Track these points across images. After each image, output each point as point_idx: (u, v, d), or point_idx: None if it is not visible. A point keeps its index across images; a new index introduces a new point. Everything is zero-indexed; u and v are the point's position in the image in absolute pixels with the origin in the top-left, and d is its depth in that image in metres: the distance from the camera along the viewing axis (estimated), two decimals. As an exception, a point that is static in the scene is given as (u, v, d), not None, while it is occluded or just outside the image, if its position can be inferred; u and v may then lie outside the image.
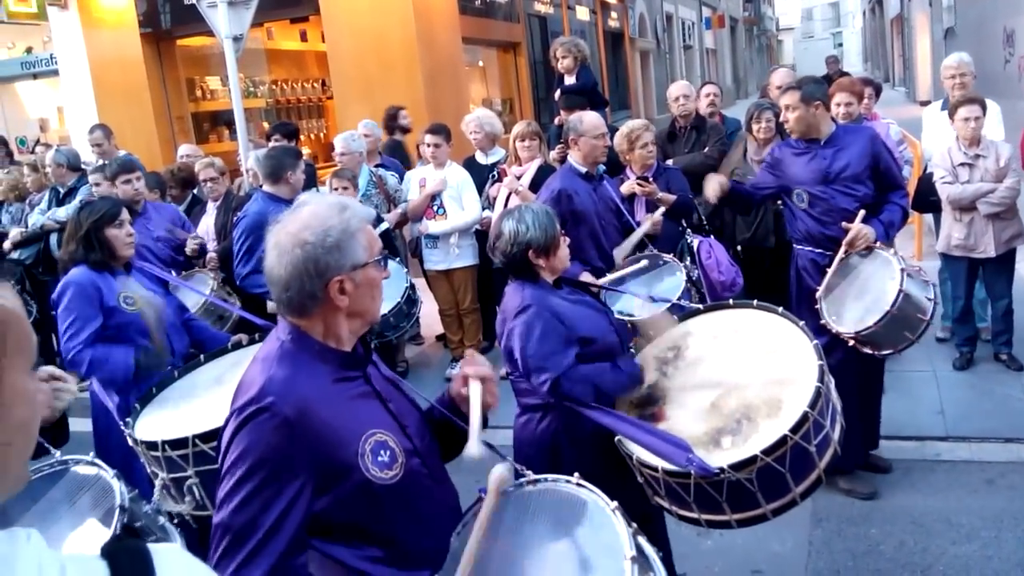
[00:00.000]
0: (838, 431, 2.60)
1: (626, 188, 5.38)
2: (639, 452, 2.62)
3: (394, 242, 6.76)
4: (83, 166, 7.75)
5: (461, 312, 6.45)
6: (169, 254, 5.53)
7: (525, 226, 2.84)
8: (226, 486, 1.77)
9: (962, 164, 5.39)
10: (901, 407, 5.19)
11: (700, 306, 3.15)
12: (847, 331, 3.84)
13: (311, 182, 6.58)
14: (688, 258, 5.32)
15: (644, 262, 4.42)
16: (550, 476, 2.08)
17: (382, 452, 1.86)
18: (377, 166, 6.87)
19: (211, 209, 6.26)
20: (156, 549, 1.03)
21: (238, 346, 3.47)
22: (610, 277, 4.25)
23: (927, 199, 5.70)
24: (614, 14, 20.75)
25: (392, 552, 1.89)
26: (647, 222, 4.82)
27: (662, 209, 4.97)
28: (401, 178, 6.89)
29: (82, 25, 11.47)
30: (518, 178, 5.97)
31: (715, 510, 2.56)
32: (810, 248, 4.39)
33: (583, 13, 18.21)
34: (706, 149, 6.27)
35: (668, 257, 4.71)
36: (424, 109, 9.71)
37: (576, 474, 2.04)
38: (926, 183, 5.70)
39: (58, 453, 2.56)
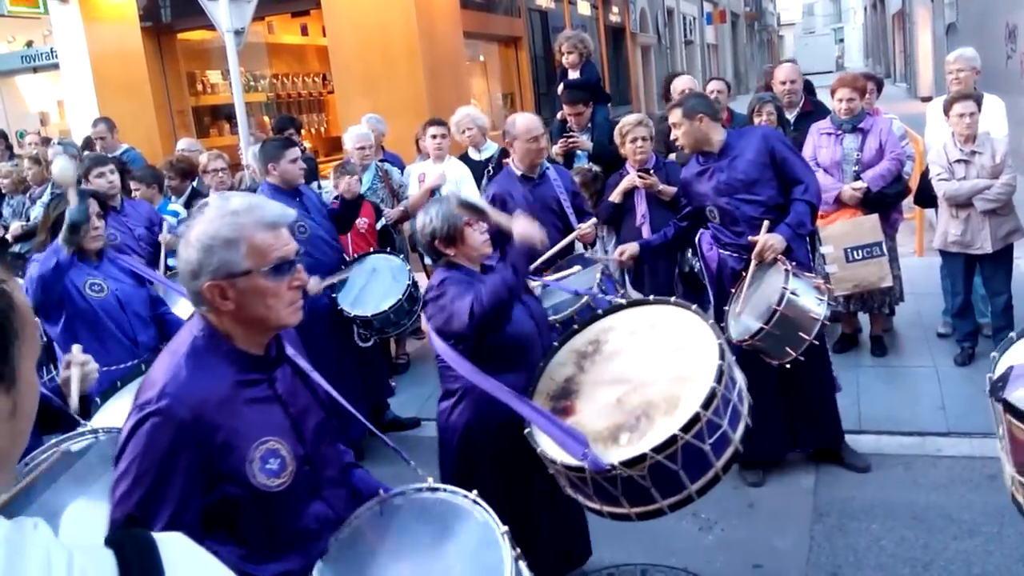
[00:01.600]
0: (740, 430, 2.61)
1: (627, 182, 5.39)
2: (544, 445, 2.67)
3: (395, 238, 6.75)
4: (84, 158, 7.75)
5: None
6: (151, 251, 5.49)
7: (429, 218, 3.07)
8: (121, 486, 1.81)
9: (958, 160, 5.38)
10: (902, 403, 5.19)
11: (624, 301, 3.18)
12: (736, 339, 3.89)
13: (312, 176, 6.57)
14: (689, 250, 5.34)
15: (576, 267, 4.40)
16: (450, 488, 2.14)
17: (271, 460, 1.88)
18: (381, 160, 6.87)
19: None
20: (162, 538, 1.04)
21: None
22: (546, 279, 4.29)
23: (929, 194, 5.70)
24: (615, 9, 20.72)
25: (265, 552, 1.93)
26: (576, 232, 4.67)
27: (592, 220, 4.93)
28: (402, 172, 6.89)
29: (83, 19, 11.45)
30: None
31: (614, 503, 2.60)
32: (729, 253, 4.42)
33: (584, 8, 18.18)
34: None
35: (592, 256, 4.71)
36: (425, 103, 9.70)
37: (475, 491, 2.10)
38: (928, 179, 5.69)
39: (88, 424, 2.62)
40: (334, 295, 5.02)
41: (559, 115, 6.70)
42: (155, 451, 1.78)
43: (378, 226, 6.26)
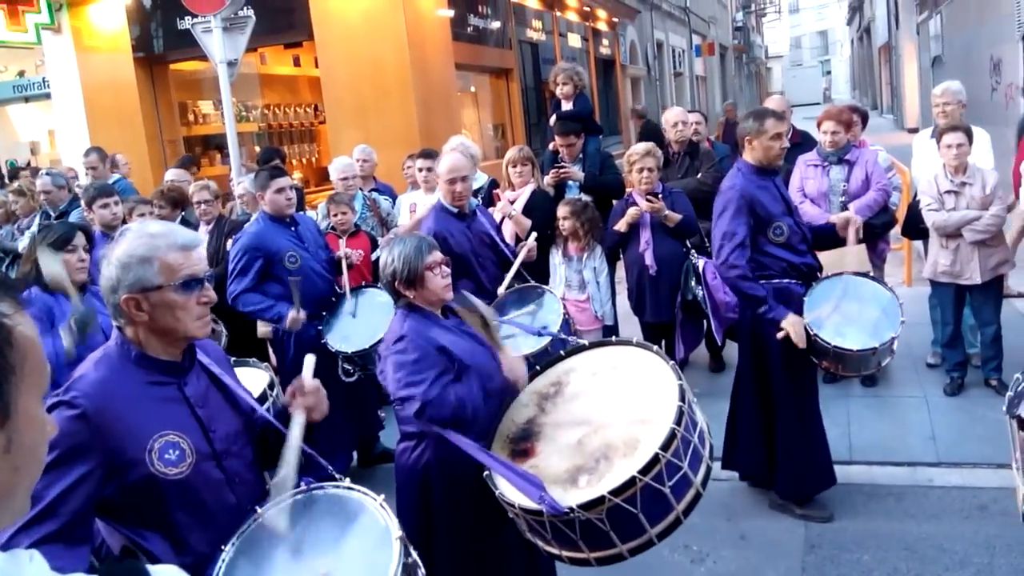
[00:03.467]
0: (701, 473, 2.56)
1: (634, 212, 5.42)
2: (503, 487, 2.64)
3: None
4: (75, 189, 7.75)
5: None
6: None
7: (392, 258, 3.02)
8: None
9: (948, 191, 5.43)
10: (892, 433, 5.20)
11: (586, 342, 3.14)
12: (839, 344, 3.94)
13: (299, 206, 6.58)
14: (693, 278, 5.38)
15: (531, 306, 4.46)
16: (361, 488, 2.20)
17: (170, 451, 2.09)
18: (372, 190, 6.89)
19: (203, 234, 6.24)
20: (155, 570, 1.03)
21: None
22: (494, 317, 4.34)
23: (916, 225, 5.74)
24: (605, 41, 20.94)
25: (168, 538, 2.11)
26: (523, 252, 4.76)
27: (533, 235, 4.98)
28: (393, 202, 6.92)
29: (75, 49, 11.52)
30: (511, 203, 5.99)
31: (573, 547, 2.55)
32: (790, 282, 4.30)
33: (575, 40, 18.37)
34: (699, 175, 6.32)
35: (543, 288, 4.70)
36: (417, 134, 9.77)
37: (383, 495, 2.18)
38: (916, 210, 5.74)
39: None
40: (320, 327, 5.00)
41: (551, 146, 6.75)
42: (59, 437, 1.93)
43: (373, 257, 6.26)
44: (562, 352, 3.15)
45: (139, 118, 11.42)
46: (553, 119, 7.00)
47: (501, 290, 4.66)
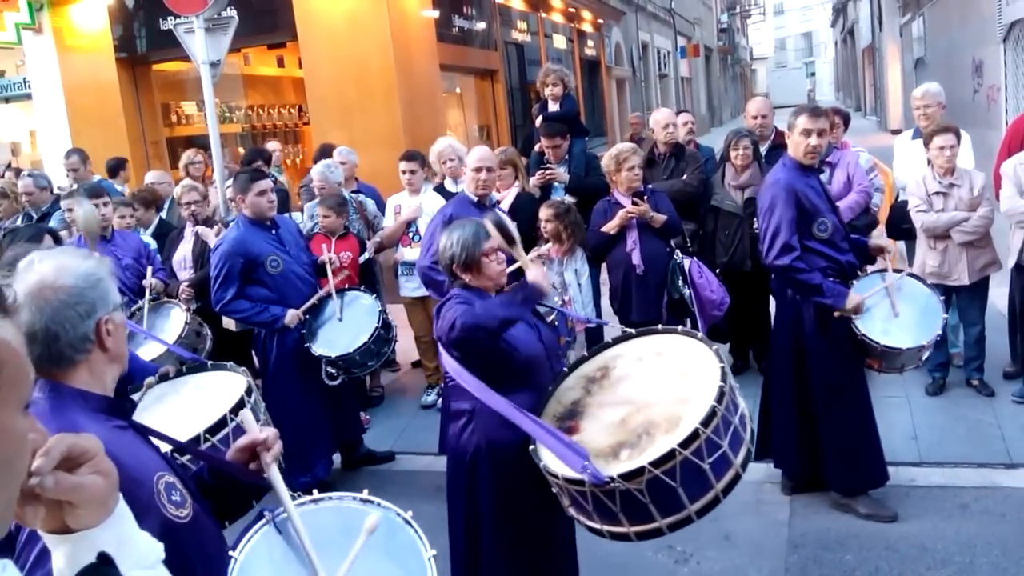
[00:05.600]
0: (742, 455, 2.65)
1: (623, 215, 5.42)
2: (547, 460, 2.73)
3: (375, 271, 6.73)
4: (56, 191, 7.68)
5: (437, 339, 6.41)
6: (137, 283, 5.49)
7: (451, 242, 3.16)
8: (34, 551, 1.69)
9: (936, 193, 5.46)
10: (875, 433, 5.22)
11: (633, 331, 3.24)
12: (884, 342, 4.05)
13: (283, 207, 6.55)
14: (680, 277, 5.41)
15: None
16: (335, 494, 2.15)
17: (174, 492, 1.84)
18: (354, 192, 6.87)
19: (188, 235, 6.21)
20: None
21: (164, 378, 3.38)
22: None
23: (899, 226, 5.77)
24: (590, 42, 20.97)
25: None
26: (534, 252, 4.87)
27: (548, 244, 5.19)
28: (378, 204, 6.90)
29: (56, 49, 11.42)
30: (497, 203, 5.98)
31: (614, 521, 2.63)
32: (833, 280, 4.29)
33: (560, 41, 18.38)
34: (685, 176, 6.33)
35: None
36: (401, 135, 9.74)
37: (365, 491, 2.15)
38: (898, 211, 5.77)
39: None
40: (303, 331, 4.98)
41: (536, 147, 6.75)
42: None
43: (361, 259, 6.25)
44: (610, 340, 3.25)
45: (121, 119, 11.33)
46: (539, 120, 7.00)
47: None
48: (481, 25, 13.78)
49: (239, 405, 2.96)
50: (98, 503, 1.26)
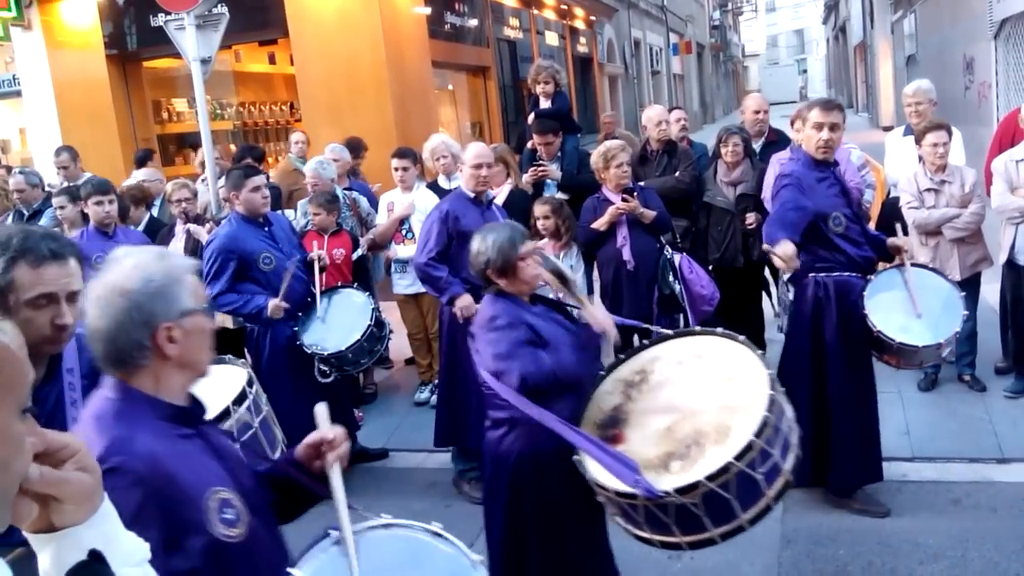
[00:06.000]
0: (791, 461, 2.62)
1: (613, 211, 5.41)
2: (594, 472, 2.68)
3: (368, 268, 6.72)
4: (47, 188, 7.64)
5: (430, 336, 6.41)
6: None
7: (485, 246, 3.06)
8: None
9: (928, 189, 5.48)
10: (868, 428, 5.23)
11: (670, 332, 3.18)
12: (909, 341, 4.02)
13: (276, 204, 6.53)
14: (670, 273, 5.41)
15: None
16: (404, 521, 2.07)
17: (226, 510, 1.80)
18: (346, 189, 6.85)
19: (180, 232, 6.19)
20: (123, 573, 1.02)
21: None
22: None
23: (891, 222, 5.77)
24: (583, 39, 20.95)
25: None
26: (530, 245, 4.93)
27: (545, 240, 5.19)
28: (371, 201, 6.88)
29: (46, 46, 11.35)
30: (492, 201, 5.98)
31: (666, 531, 2.60)
32: (850, 275, 4.26)
33: (552, 38, 18.36)
34: (677, 173, 6.33)
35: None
36: (393, 132, 9.71)
37: (437, 524, 2.08)
38: (890, 207, 5.78)
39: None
40: (296, 328, 4.97)
41: (529, 144, 6.74)
42: (122, 509, 1.62)
43: (354, 256, 6.23)
44: (645, 341, 3.19)
45: (112, 116, 11.27)
46: (532, 117, 6.99)
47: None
48: (473, 22, 13.75)
49: (241, 397, 2.95)
50: (83, 498, 1.25)
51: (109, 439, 1.73)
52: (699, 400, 2.76)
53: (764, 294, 6.53)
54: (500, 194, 5.98)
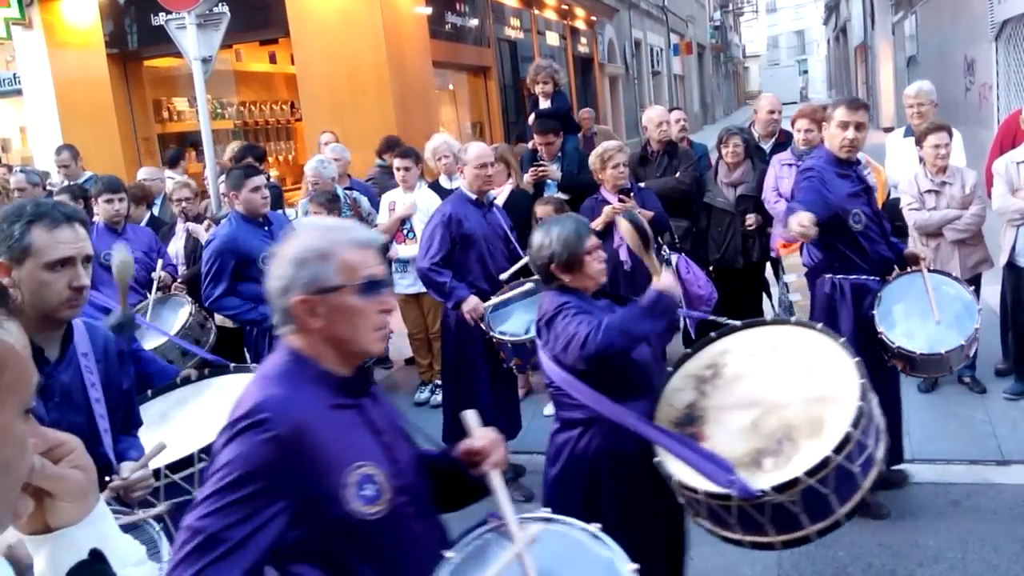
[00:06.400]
0: (882, 450, 2.55)
1: (609, 211, 5.42)
2: (679, 473, 2.57)
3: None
4: (48, 187, 7.63)
5: (430, 336, 6.41)
6: (146, 276, 5.47)
7: (549, 240, 2.94)
8: (207, 490, 1.71)
9: (929, 191, 5.47)
10: (868, 430, 5.23)
11: (738, 323, 3.06)
12: (921, 350, 3.93)
13: (277, 204, 6.54)
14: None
15: (529, 284, 4.65)
16: (565, 519, 2.01)
17: (367, 486, 1.79)
18: (347, 188, 6.85)
19: (180, 231, 6.19)
20: (124, 572, 1.02)
21: (187, 381, 3.35)
22: (494, 300, 4.66)
23: (891, 223, 5.77)
24: (583, 39, 20.96)
25: None
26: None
27: None
28: (371, 201, 6.89)
29: (47, 44, 11.37)
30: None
31: (758, 531, 2.50)
32: (867, 278, 4.22)
33: (553, 38, 18.37)
34: (678, 174, 6.33)
35: None
36: (394, 132, 9.70)
37: (596, 524, 1.99)
38: (890, 208, 5.78)
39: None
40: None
41: (530, 144, 6.74)
42: (253, 460, 1.68)
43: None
44: (712, 334, 3.08)
45: (112, 115, 11.29)
46: (532, 118, 6.99)
47: (503, 276, 4.82)
48: (474, 22, 13.76)
49: None
50: (77, 496, 1.26)
51: (264, 395, 1.76)
52: (782, 393, 2.65)
53: (764, 295, 6.54)
54: (501, 194, 5.98)
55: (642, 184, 6.07)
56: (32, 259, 2.20)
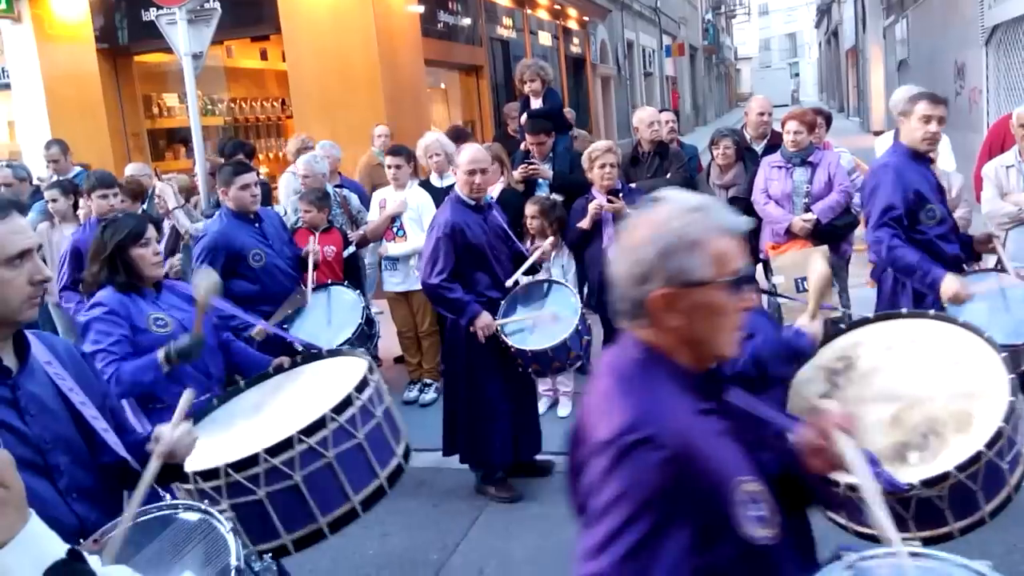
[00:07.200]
0: None
1: (594, 206, 5.43)
2: None
3: (359, 266, 6.69)
4: (36, 182, 7.60)
5: (420, 334, 6.40)
6: None
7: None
8: (605, 530, 1.48)
9: (915, 194, 5.48)
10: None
11: (870, 315, 3.01)
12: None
13: (265, 200, 6.52)
14: None
15: (543, 302, 4.71)
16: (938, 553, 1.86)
17: (754, 505, 1.54)
18: (337, 186, 6.84)
19: (166, 228, 6.15)
20: (102, 571, 1.00)
21: (279, 369, 3.31)
22: (504, 321, 4.63)
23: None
24: (576, 40, 20.97)
25: None
26: (537, 251, 4.91)
27: (551, 240, 5.15)
28: (361, 199, 6.87)
29: (36, 38, 11.29)
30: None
31: (899, 527, 2.38)
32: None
33: (545, 38, 18.37)
34: (668, 175, 6.34)
35: (552, 280, 5.01)
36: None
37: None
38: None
39: (168, 497, 2.46)
40: (286, 326, 4.93)
41: (522, 145, 6.73)
42: (650, 487, 1.45)
43: (345, 254, 6.21)
44: (842, 326, 3.01)
45: (102, 110, 11.22)
46: (524, 118, 6.98)
47: (509, 283, 4.77)
48: (466, 21, 13.75)
49: (363, 384, 2.81)
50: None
51: (638, 405, 1.53)
52: (924, 386, 2.58)
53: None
54: (493, 192, 5.98)
55: (633, 184, 6.07)
56: None
